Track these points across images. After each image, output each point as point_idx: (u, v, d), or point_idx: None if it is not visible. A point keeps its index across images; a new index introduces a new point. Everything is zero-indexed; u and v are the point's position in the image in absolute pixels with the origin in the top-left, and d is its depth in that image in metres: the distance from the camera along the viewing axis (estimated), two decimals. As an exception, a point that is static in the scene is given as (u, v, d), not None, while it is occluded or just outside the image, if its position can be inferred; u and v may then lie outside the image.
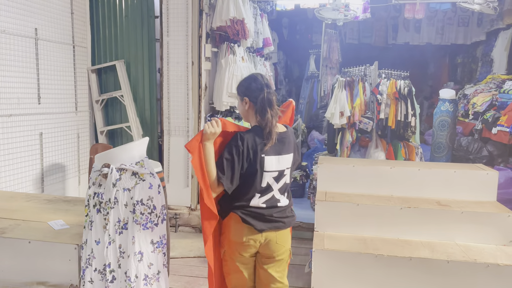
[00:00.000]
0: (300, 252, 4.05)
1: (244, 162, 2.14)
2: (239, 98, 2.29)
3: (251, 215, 2.18)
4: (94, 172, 2.23)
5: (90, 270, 2.16)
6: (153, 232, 2.22)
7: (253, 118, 2.24)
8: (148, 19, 4.77)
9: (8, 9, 3.60)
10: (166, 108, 4.67)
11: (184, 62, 4.57)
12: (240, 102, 2.29)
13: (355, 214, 3.17)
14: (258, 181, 2.17)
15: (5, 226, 2.60)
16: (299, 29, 9.30)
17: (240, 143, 2.13)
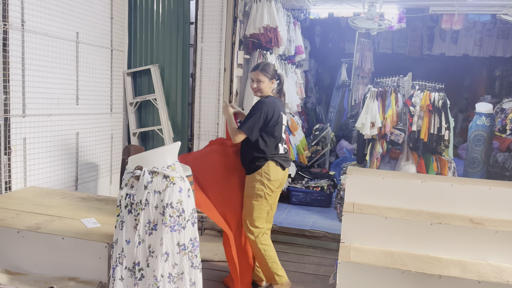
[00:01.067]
0: (325, 263, 4.01)
1: (269, 121, 3.06)
2: (269, 77, 3.14)
3: (281, 159, 3.17)
4: (127, 174, 2.30)
5: (121, 268, 2.22)
6: (180, 234, 2.26)
7: (270, 92, 3.20)
8: (183, 25, 4.88)
9: (53, 13, 3.76)
10: (197, 112, 4.75)
11: (216, 68, 4.64)
12: (269, 80, 3.15)
13: (383, 227, 3.11)
14: (280, 134, 3.15)
15: (40, 221, 2.71)
16: (331, 37, 9.26)
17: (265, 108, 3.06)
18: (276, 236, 4.52)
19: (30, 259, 2.55)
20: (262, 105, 3.07)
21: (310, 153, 6.72)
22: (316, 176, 5.54)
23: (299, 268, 3.87)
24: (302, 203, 5.41)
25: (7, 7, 3.26)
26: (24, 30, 3.46)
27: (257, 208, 3.15)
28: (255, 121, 3.05)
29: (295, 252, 4.26)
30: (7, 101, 3.33)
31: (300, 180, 5.45)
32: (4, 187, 3.35)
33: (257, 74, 3.13)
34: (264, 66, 3.15)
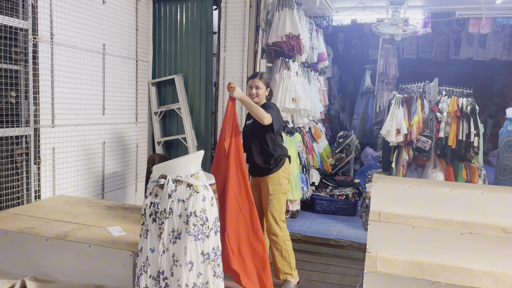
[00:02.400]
0: (350, 273, 3.93)
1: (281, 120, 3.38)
2: (266, 85, 3.39)
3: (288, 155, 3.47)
4: (152, 183, 2.32)
5: (145, 277, 2.23)
6: (204, 243, 2.26)
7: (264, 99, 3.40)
8: (206, 35, 4.94)
9: (80, 26, 3.87)
10: (220, 120, 4.77)
11: (239, 76, 4.66)
12: (265, 88, 3.38)
13: (411, 236, 3.02)
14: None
15: (68, 229, 2.77)
16: (354, 44, 9.18)
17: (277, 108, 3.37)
18: (300, 245, 4.47)
19: (58, 266, 2.60)
20: (274, 106, 3.37)
21: (334, 161, 6.64)
22: (340, 184, 5.46)
23: (324, 278, 3.80)
24: (327, 212, 5.34)
25: (37, 21, 3.38)
26: (53, 43, 3.57)
27: (284, 203, 3.42)
28: (277, 115, 3.28)
29: (319, 261, 4.20)
30: (37, 112, 3.44)
31: (324, 188, 5.38)
32: (33, 195, 3.45)
33: (256, 81, 3.38)
34: (262, 74, 3.43)
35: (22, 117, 3.36)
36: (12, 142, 3.29)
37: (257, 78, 3.39)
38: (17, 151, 3.33)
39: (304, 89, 5.14)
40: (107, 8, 4.21)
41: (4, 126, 3.20)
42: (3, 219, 2.91)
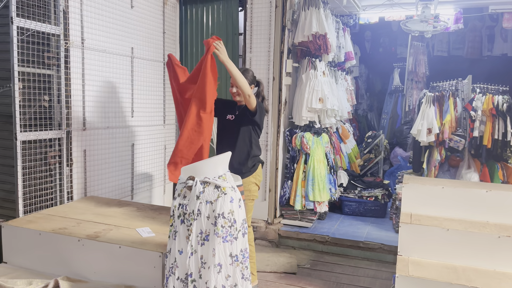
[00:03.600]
0: (381, 276, 3.84)
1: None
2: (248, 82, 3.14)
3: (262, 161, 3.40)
4: (180, 184, 2.33)
5: (173, 279, 2.24)
6: (232, 245, 2.24)
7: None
8: (232, 36, 4.94)
9: (110, 31, 3.95)
10: (246, 122, 4.76)
11: (265, 77, 4.64)
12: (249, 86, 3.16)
13: (445, 239, 2.92)
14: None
15: (99, 230, 2.82)
16: (382, 42, 9.00)
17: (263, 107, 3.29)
18: (328, 247, 4.41)
19: (90, 266, 2.65)
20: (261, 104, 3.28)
21: (363, 162, 6.53)
22: (369, 185, 5.35)
23: (353, 281, 3.73)
24: (355, 213, 5.25)
25: (68, 26, 3.47)
26: (84, 47, 3.65)
27: (251, 208, 3.31)
28: (261, 109, 3.22)
29: (349, 264, 4.13)
30: (69, 115, 3.52)
31: (352, 190, 5.29)
32: (66, 197, 3.53)
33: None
34: (243, 71, 3.23)
35: (55, 121, 3.45)
36: (45, 144, 3.38)
37: None
38: (51, 154, 3.42)
39: (331, 89, 5.07)
40: (135, 12, 4.28)
41: (38, 129, 3.29)
42: (37, 219, 3.00)
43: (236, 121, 3.25)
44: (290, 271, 3.90)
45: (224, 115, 3.34)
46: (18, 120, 3.10)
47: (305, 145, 4.67)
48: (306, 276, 3.82)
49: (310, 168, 4.67)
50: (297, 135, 4.75)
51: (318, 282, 3.69)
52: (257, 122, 3.24)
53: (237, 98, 3.28)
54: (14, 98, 3.07)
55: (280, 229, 4.63)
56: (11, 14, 2.99)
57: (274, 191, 4.70)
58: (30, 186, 3.26)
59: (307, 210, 4.74)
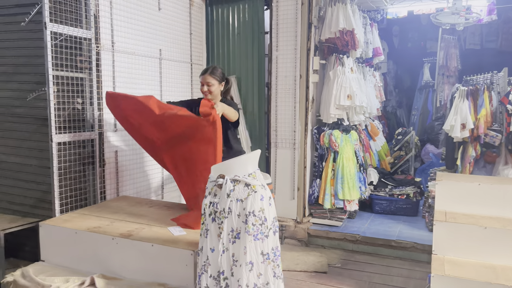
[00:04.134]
0: (415, 276, 3.75)
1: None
2: (218, 80, 3.31)
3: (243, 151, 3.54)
4: (210, 182, 2.34)
5: (206, 276, 2.25)
6: (263, 243, 2.24)
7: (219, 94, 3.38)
8: (258, 35, 4.94)
9: (138, 33, 4.02)
10: (273, 120, 4.76)
11: (292, 75, 4.62)
12: (218, 83, 3.32)
13: (482, 238, 2.82)
14: None
15: (132, 229, 2.87)
16: (411, 36, 8.79)
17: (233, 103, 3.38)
18: (359, 246, 4.34)
19: (124, 264, 2.70)
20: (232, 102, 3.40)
21: (393, 159, 6.39)
22: (400, 183, 5.24)
23: (386, 281, 3.66)
24: (386, 212, 5.14)
25: (99, 30, 3.55)
26: (114, 50, 3.73)
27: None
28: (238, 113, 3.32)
29: (381, 263, 4.05)
30: (101, 117, 3.61)
31: (383, 188, 5.19)
32: (99, 196, 3.62)
33: (206, 78, 3.29)
34: (213, 69, 3.32)
35: (87, 122, 3.54)
36: (79, 146, 3.47)
37: (207, 74, 3.29)
38: (84, 155, 3.51)
39: (360, 85, 4.99)
40: (162, 15, 4.34)
41: (72, 131, 3.38)
42: (72, 219, 3.08)
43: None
44: (320, 270, 3.86)
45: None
46: (53, 123, 3.20)
47: (334, 143, 4.61)
48: (337, 275, 3.77)
49: (339, 166, 4.61)
50: (325, 133, 4.70)
51: (349, 282, 3.64)
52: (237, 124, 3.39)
53: (208, 97, 3.33)
54: (49, 102, 3.17)
55: (310, 228, 4.59)
56: (45, 19, 3.09)
57: (302, 190, 4.67)
58: (65, 186, 3.35)
59: (337, 208, 4.68)
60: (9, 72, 3.62)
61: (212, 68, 3.34)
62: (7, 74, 3.64)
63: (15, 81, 3.61)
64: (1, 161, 3.74)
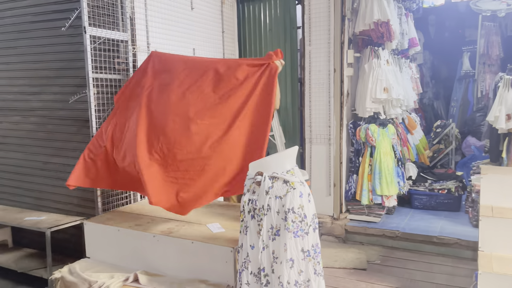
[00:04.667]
0: (459, 273, 3.62)
1: None
2: None
3: None
4: (249, 180, 2.34)
5: (247, 273, 2.26)
6: (303, 240, 2.22)
7: None
8: (290, 31, 4.90)
9: (172, 33, 4.07)
10: (307, 116, 4.71)
11: (325, 70, 4.55)
12: None
13: (533, 234, 2.69)
14: None
15: (172, 226, 2.92)
16: (448, 25, 8.47)
17: None
18: (399, 242, 4.24)
19: (165, 261, 2.75)
20: None
21: (432, 153, 6.20)
22: (441, 177, 5.07)
23: (428, 278, 3.56)
24: (426, 207, 4.99)
25: (135, 32, 3.62)
26: (149, 51, 3.79)
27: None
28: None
29: (422, 260, 3.94)
30: (138, 117, 3.68)
31: (422, 182, 5.04)
32: (139, 195, 3.70)
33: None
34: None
35: (126, 123, 3.62)
36: (118, 146, 3.56)
37: None
38: (123, 154, 3.60)
39: (396, 78, 4.86)
40: (195, 14, 4.38)
41: (111, 132, 3.47)
42: (114, 217, 3.17)
43: None
44: (359, 267, 3.80)
45: None
46: (94, 124, 3.30)
47: (370, 138, 4.52)
48: (377, 272, 3.70)
49: (376, 161, 4.51)
50: (361, 127, 4.61)
51: (390, 279, 3.56)
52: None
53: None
54: (89, 103, 3.26)
55: (347, 225, 4.53)
56: (84, 24, 3.18)
57: (339, 186, 4.60)
58: (107, 185, 3.45)
59: (375, 204, 4.59)
60: (51, 76, 3.76)
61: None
62: (49, 78, 3.77)
63: (57, 85, 3.74)
64: (46, 162, 3.89)
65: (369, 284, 3.48)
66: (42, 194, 3.94)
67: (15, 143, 4.06)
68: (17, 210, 3.99)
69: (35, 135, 3.93)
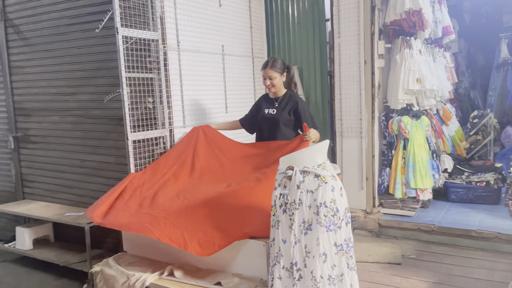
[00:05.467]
0: (499, 268, 3.50)
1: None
2: (280, 72, 3.41)
3: None
4: (280, 174, 2.35)
5: (279, 267, 2.27)
6: (336, 234, 2.21)
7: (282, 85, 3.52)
8: (319, 23, 4.85)
9: (201, 31, 4.12)
10: (338, 109, 4.65)
11: (356, 62, 4.48)
12: (280, 75, 3.42)
13: None
14: None
15: (205, 221, 2.95)
16: (484, 11, 8.14)
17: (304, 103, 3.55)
18: (435, 236, 4.14)
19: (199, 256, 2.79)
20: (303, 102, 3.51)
21: (469, 144, 5.99)
22: (478, 169, 4.90)
23: (466, 273, 3.45)
24: (463, 200, 4.84)
25: (165, 31, 3.69)
26: (179, 49, 3.86)
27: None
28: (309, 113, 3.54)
29: (460, 254, 3.83)
30: (170, 115, 3.76)
31: (459, 175, 4.89)
32: (172, 190, 3.78)
33: (268, 72, 3.36)
34: (273, 62, 3.38)
35: (158, 120, 3.70)
36: (152, 143, 3.65)
37: (268, 68, 3.36)
38: (157, 151, 3.69)
39: (429, 68, 4.72)
40: (223, 10, 4.41)
41: (145, 129, 3.56)
42: (149, 212, 3.24)
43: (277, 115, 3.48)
44: (394, 261, 3.73)
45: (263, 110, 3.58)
46: (128, 122, 3.39)
47: (403, 130, 4.42)
48: (412, 267, 3.63)
49: (410, 153, 4.41)
50: (394, 119, 4.51)
51: (426, 273, 3.48)
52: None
53: (272, 90, 3.47)
54: (123, 102, 3.35)
55: (380, 219, 4.46)
56: (116, 25, 3.27)
57: (371, 180, 4.53)
58: (141, 181, 3.54)
59: (409, 198, 4.49)
60: (87, 76, 3.89)
61: (272, 61, 3.41)
62: (85, 79, 3.90)
63: (92, 85, 3.87)
64: (83, 160, 4.04)
65: (404, 279, 3.42)
66: (81, 191, 4.10)
67: (54, 142, 4.24)
68: (58, 206, 4.17)
69: (72, 134, 4.08)
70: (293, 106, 3.44)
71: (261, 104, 3.64)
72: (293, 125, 3.51)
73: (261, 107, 3.63)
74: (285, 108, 3.47)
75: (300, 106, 3.44)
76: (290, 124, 3.50)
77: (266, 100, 3.64)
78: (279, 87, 3.48)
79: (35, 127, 4.37)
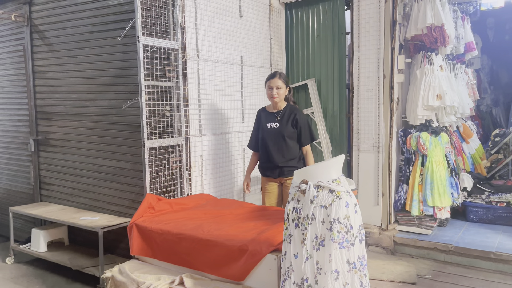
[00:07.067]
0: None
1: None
2: (286, 84, 3.60)
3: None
4: (293, 188, 2.32)
5: (289, 282, 2.24)
6: (349, 251, 2.17)
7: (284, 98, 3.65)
8: (339, 36, 4.84)
9: (221, 41, 4.16)
10: (355, 123, 4.61)
11: (375, 76, 4.44)
12: (285, 87, 3.60)
13: None
14: None
15: (217, 231, 2.94)
16: (508, 28, 7.99)
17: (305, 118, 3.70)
18: (452, 257, 4.03)
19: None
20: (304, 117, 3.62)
21: (490, 163, 5.84)
22: (499, 189, 4.77)
23: (484, 297, 3.35)
24: (483, 221, 4.71)
25: (185, 40, 3.73)
26: (198, 59, 3.90)
27: None
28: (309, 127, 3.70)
29: (477, 277, 3.72)
30: (187, 123, 3.78)
31: (478, 194, 4.77)
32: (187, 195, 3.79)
33: (277, 81, 3.51)
34: (280, 73, 3.58)
35: (175, 129, 3.73)
36: (168, 151, 3.67)
37: (277, 77, 3.52)
38: (172, 159, 3.71)
39: (450, 84, 4.64)
40: (243, 22, 4.44)
41: (161, 137, 3.59)
42: (162, 220, 3.25)
43: (281, 130, 3.58)
44: (408, 281, 3.65)
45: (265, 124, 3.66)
46: (145, 129, 3.42)
47: (422, 146, 4.34)
48: (428, 287, 3.53)
49: (428, 170, 4.32)
50: (412, 135, 4.44)
51: (442, 295, 3.39)
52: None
53: (276, 100, 3.57)
54: (141, 110, 3.39)
55: (396, 236, 4.37)
56: (138, 33, 3.32)
57: (387, 196, 4.46)
58: (156, 188, 3.57)
59: (426, 216, 4.40)
60: (107, 83, 3.95)
61: (280, 72, 3.62)
62: (106, 85, 3.97)
63: (112, 92, 3.93)
64: (100, 165, 4.09)
65: (418, 300, 3.33)
66: (97, 196, 4.14)
67: (73, 146, 4.30)
68: (74, 210, 4.22)
69: (91, 139, 4.14)
70: (294, 119, 3.57)
71: (260, 120, 3.72)
72: (296, 138, 3.61)
73: (260, 123, 3.71)
74: (288, 121, 3.58)
75: (300, 120, 3.57)
76: (294, 136, 3.59)
77: (265, 115, 3.71)
78: (282, 98, 3.61)
79: (55, 131, 4.46)
